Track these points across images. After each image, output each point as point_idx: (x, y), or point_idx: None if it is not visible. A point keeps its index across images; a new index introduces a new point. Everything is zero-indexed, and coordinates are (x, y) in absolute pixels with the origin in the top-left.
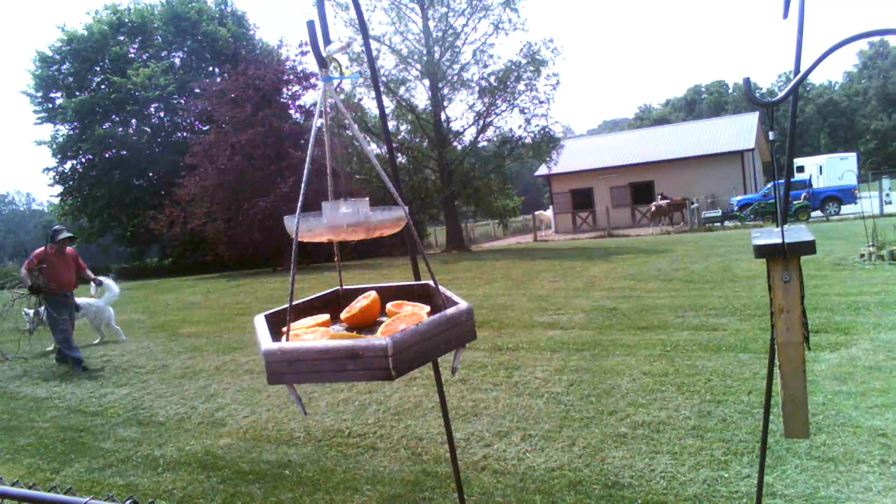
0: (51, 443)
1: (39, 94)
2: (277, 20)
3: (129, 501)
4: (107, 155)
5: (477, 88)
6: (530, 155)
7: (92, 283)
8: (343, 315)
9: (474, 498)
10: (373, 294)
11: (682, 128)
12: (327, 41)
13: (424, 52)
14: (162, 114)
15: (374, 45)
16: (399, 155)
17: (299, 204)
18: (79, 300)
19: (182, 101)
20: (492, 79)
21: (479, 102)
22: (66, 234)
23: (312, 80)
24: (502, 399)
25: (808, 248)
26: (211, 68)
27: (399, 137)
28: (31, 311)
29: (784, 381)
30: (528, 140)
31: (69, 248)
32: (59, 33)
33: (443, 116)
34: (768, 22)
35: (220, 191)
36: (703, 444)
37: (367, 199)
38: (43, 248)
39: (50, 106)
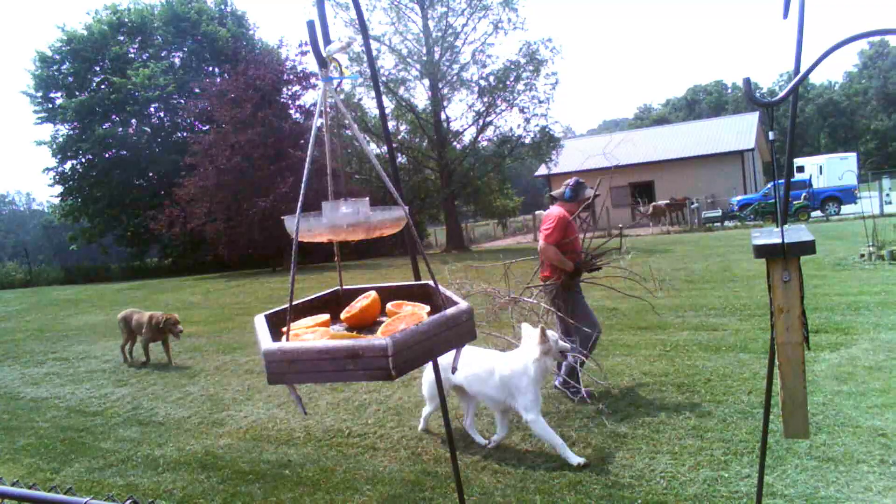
0: (51, 443)
1: (39, 94)
2: (277, 20)
3: (129, 501)
4: (107, 155)
5: (476, 88)
6: (530, 155)
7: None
8: (343, 315)
9: (474, 498)
10: (373, 294)
11: (682, 128)
12: (327, 41)
13: (424, 51)
14: (162, 114)
15: (373, 45)
16: (399, 155)
17: (299, 204)
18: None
19: (182, 101)
20: (491, 78)
21: (478, 102)
22: (591, 191)
23: (312, 80)
24: None
25: (808, 248)
26: (211, 68)
27: (399, 137)
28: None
29: (784, 380)
30: (528, 140)
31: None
32: (59, 33)
33: (442, 116)
34: (768, 22)
35: (220, 191)
36: (703, 444)
37: (367, 198)
38: (562, 212)
39: (50, 106)
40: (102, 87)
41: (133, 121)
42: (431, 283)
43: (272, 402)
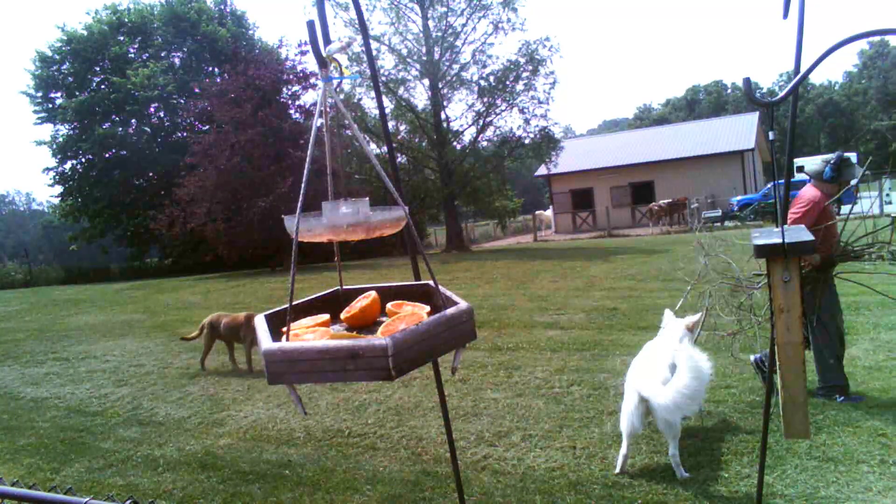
0: (51, 443)
1: (39, 94)
2: (277, 20)
3: (129, 501)
4: (107, 155)
5: (476, 88)
6: (530, 155)
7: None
8: (343, 315)
9: (474, 498)
10: (373, 294)
11: (682, 128)
12: (327, 41)
13: (424, 51)
14: (162, 114)
15: (373, 45)
16: (399, 155)
17: (299, 204)
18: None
19: (182, 101)
20: (491, 78)
21: (478, 102)
22: (860, 171)
23: (312, 80)
24: (502, 399)
25: (808, 248)
26: (211, 68)
27: (399, 137)
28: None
29: (784, 381)
30: (528, 140)
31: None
32: (59, 33)
33: (442, 116)
34: (768, 22)
35: (220, 191)
36: (703, 444)
37: (367, 199)
38: (818, 194)
39: (50, 106)
40: (102, 87)
41: (133, 121)
42: (431, 283)
43: (272, 402)
